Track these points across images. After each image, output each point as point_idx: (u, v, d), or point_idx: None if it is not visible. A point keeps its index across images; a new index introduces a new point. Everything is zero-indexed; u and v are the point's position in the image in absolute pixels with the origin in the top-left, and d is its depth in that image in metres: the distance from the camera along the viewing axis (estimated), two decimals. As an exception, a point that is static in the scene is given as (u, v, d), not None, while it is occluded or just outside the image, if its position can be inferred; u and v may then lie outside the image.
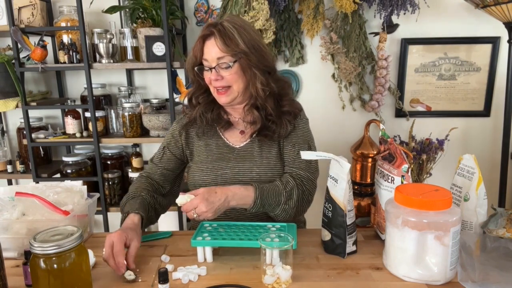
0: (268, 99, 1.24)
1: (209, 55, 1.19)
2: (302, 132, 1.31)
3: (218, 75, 1.19)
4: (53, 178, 2.18)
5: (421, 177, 1.92)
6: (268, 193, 1.15)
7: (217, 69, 1.19)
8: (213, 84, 1.21)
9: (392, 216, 0.97)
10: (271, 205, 1.17)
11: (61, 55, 2.06)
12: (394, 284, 0.96)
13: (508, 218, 1.07)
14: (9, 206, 1.15)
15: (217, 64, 1.18)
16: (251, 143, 1.29)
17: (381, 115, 2.31)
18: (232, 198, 1.11)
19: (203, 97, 1.30)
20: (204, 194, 1.07)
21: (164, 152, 1.35)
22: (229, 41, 1.16)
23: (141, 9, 2.06)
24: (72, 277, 0.85)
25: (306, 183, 1.23)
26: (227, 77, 1.19)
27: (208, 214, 1.07)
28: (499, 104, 2.26)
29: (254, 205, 1.14)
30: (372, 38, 2.22)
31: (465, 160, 1.13)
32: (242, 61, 1.18)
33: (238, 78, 1.20)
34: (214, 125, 1.32)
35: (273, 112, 1.25)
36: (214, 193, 1.09)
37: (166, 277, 0.90)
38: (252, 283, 0.95)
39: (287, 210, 1.19)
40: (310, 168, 1.26)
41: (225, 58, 1.17)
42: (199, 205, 1.05)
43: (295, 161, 1.25)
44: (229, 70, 1.19)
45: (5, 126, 2.44)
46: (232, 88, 1.21)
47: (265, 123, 1.26)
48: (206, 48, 1.19)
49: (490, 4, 1.85)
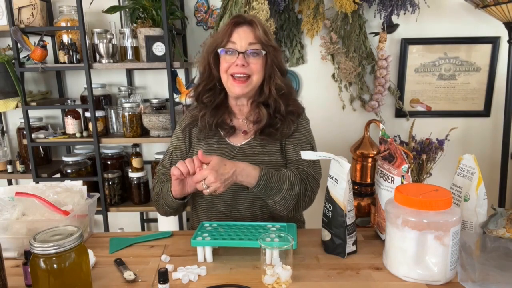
0: (281, 98, 1.26)
1: (239, 39, 1.21)
2: (304, 132, 1.32)
3: (244, 61, 1.20)
4: (53, 178, 2.18)
5: (421, 177, 1.92)
6: (273, 177, 1.15)
7: (245, 56, 1.20)
8: (234, 70, 1.21)
9: (392, 216, 0.97)
10: (272, 189, 1.16)
11: (61, 55, 2.06)
12: (394, 284, 0.96)
13: (508, 218, 1.07)
14: (9, 206, 1.15)
15: (246, 51, 1.20)
16: (252, 141, 1.29)
17: (381, 115, 2.31)
18: (239, 173, 1.11)
19: (208, 96, 1.29)
20: (214, 165, 1.07)
21: (173, 158, 1.36)
22: (267, 34, 1.22)
23: (141, 9, 2.06)
24: (72, 277, 0.85)
25: (310, 180, 1.23)
26: (252, 65, 1.21)
27: (217, 184, 1.06)
28: (499, 104, 2.26)
29: (257, 184, 1.14)
30: (372, 38, 2.22)
31: (465, 160, 1.13)
32: (269, 55, 1.23)
33: (261, 69, 1.23)
34: (217, 129, 1.31)
35: (284, 111, 1.27)
36: (223, 165, 1.08)
37: (166, 277, 0.90)
38: (252, 283, 0.95)
39: (286, 199, 1.18)
40: (315, 167, 1.27)
41: (256, 45, 1.21)
42: (208, 175, 1.05)
43: (299, 159, 1.26)
44: (256, 58, 1.21)
45: (5, 126, 2.44)
46: (252, 79, 1.23)
47: (271, 121, 1.27)
48: (237, 33, 1.21)
49: (490, 4, 1.85)
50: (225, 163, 1.10)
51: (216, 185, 1.06)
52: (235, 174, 1.10)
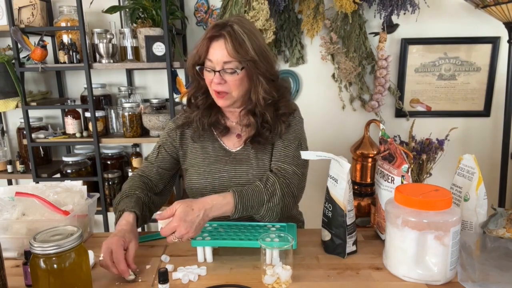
0: (268, 108, 1.21)
1: (214, 57, 1.14)
2: (293, 129, 1.27)
3: (221, 79, 1.15)
4: (53, 178, 2.18)
5: (421, 177, 1.92)
6: (248, 195, 1.10)
7: (221, 73, 1.15)
8: (213, 87, 1.18)
9: (392, 216, 0.97)
10: (254, 207, 1.11)
11: (61, 55, 2.06)
12: (394, 284, 0.96)
13: (508, 218, 1.07)
14: (9, 206, 1.15)
15: (222, 68, 1.15)
16: (246, 146, 1.27)
17: (381, 115, 2.31)
18: (210, 211, 1.04)
19: (202, 99, 1.27)
20: (181, 214, 1.00)
21: (159, 151, 1.32)
22: (239, 47, 1.12)
23: (141, 9, 2.06)
24: (72, 277, 0.85)
25: (290, 176, 1.18)
26: (230, 82, 1.16)
27: (189, 234, 1.00)
28: (499, 104, 2.26)
29: (235, 210, 1.08)
30: (372, 38, 2.22)
31: (465, 160, 1.13)
32: (248, 69, 1.15)
33: (240, 85, 1.17)
34: (211, 129, 1.30)
35: (271, 121, 1.22)
36: (191, 210, 1.01)
37: (166, 277, 0.90)
38: (252, 283, 0.95)
39: (272, 208, 1.13)
40: (296, 162, 1.21)
41: (232, 64, 1.14)
42: (177, 228, 0.99)
43: (281, 155, 1.22)
44: (234, 75, 1.15)
45: (5, 126, 2.43)
46: (231, 95, 1.19)
47: (259, 130, 1.23)
48: (213, 49, 1.15)
49: (490, 4, 1.85)
50: (192, 207, 1.02)
51: (189, 235, 1.01)
52: (205, 214, 1.03)
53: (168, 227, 1.00)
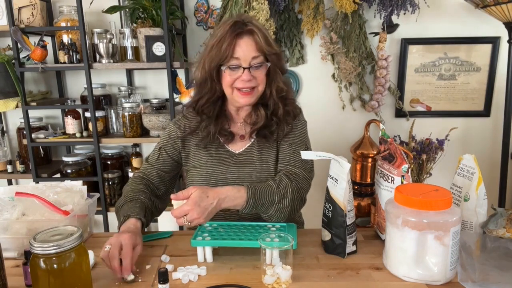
0: (280, 100, 1.25)
1: (242, 53, 1.15)
2: (299, 133, 1.30)
3: (250, 75, 1.17)
4: (53, 178, 2.18)
5: (421, 177, 1.92)
6: (261, 193, 1.12)
7: (251, 69, 1.17)
8: (240, 85, 1.18)
9: (392, 216, 0.97)
10: (264, 205, 1.13)
11: (61, 55, 2.06)
12: (394, 284, 0.96)
13: (508, 218, 1.07)
14: (9, 206, 1.15)
15: (250, 65, 1.17)
16: (250, 147, 1.28)
17: (381, 115, 2.31)
18: (223, 201, 1.07)
19: (208, 106, 1.26)
20: (196, 199, 1.01)
21: (160, 153, 1.32)
22: (268, 41, 1.18)
23: (141, 9, 2.06)
24: (72, 277, 0.85)
25: (300, 181, 1.20)
26: (258, 77, 1.19)
27: (200, 220, 1.02)
28: (499, 104, 2.26)
29: (246, 205, 1.10)
30: (372, 38, 2.22)
31: (465, 160, 1.13)
32: (272, 62, 1.20)
33: (264, 78, 1.21)
34: (216, 136, 1.29)
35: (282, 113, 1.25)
36: (206, 197, 1.03)
37: (166, 277, 0.90)
38: (252, 283, 0.95)
39: (281, 209, 1.15)
40: (306, 167, 1.24)
41: (259, 58, 1.17)
42: (190, 211, 1.01)
43: (290, 159, 1.24)
44: (260, 69, 1.19)
45: (5, 126, 2.44)
46: (257, 89, 1.21)
47: (267, 122, 1.25)
48: (239, 46, 1.15)
49: (490, 4, 1.85)
50: (207, 194, 1.04)
51: (199, 221, 1.02)
52: (218, 203, 1.05)
53: (181, 209, 1.02)
